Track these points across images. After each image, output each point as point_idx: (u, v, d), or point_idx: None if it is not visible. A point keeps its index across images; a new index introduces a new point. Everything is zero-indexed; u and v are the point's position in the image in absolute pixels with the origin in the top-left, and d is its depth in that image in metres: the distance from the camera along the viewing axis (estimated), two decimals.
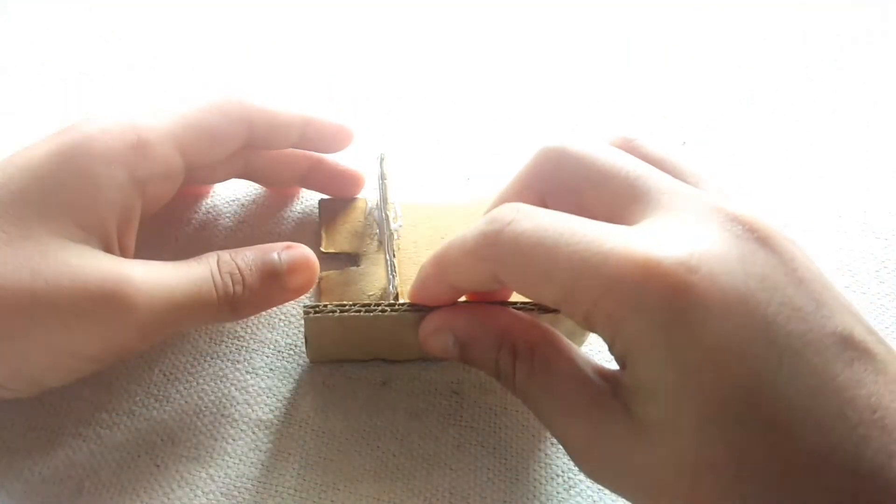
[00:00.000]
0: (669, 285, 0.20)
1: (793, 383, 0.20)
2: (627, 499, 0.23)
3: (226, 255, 0.29)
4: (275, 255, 0.29)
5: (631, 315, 0.21)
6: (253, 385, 0.31)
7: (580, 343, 0.32)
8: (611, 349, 0.23)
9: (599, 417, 0.23)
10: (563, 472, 0.30)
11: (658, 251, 0.21)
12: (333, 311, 0.28)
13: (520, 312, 0.27)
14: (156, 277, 0.26)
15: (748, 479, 0.20)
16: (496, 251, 0.23)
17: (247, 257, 0.29)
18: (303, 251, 0.30)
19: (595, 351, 0.33)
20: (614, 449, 0.22)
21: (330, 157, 0.35)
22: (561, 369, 0.24)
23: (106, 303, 0.25)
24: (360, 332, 0.29)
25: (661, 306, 0.20)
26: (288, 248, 0.30)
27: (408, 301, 0.28)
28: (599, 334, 0.23)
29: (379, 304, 0.28)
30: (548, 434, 0.31)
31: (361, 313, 0.28)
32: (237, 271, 0.28)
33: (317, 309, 0.28)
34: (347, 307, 0.28)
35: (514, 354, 0.25)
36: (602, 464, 0.23)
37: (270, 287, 0.29)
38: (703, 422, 0.20)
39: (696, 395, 0.20)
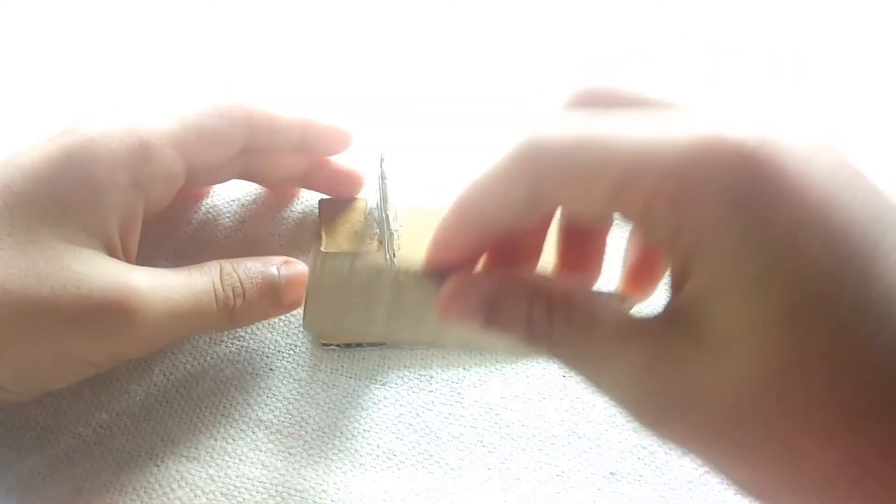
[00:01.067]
0: (744, 154, 0.18)
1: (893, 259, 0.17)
2: (696, 443, 0.20)
3: (228, 265, 0.29)
4: (274, 270, 0.29)
5: (700, 191, 0.18)
6: (253, 385, 0.31)
7: None
8: (672, 254, 0.20)
9: (657, 347, 0.20)
10: (563, 471, 0.30)
11: (725, 127, 0.18)
12: (346, 258, 0.25)
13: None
14: (160, 288, 0.26)
15: (846, 375, 0.17)
16: (536, 164, 0.21)
17: (248, 269, 0.29)
18: (300, 268, 0.30)
19: None
20: (679, 380, 0.19)
21: (330, 157, 0.35)
22: (603, 310, 0.22)
23: (111, 313, 0.25)
24: (367, 292, 0.26)
25: (735, 178, 0.18)
26: (286, 263, 0.30)
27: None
28: (659, 236, 0.20)
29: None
30: (548, 433, 0.31)
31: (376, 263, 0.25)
32: (239, 284, 0.28)
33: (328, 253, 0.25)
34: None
35: (550, 306, 0.23)
36: (666, 401, 0.20)
37: (268, 301, 0.29)
38: (792, 312, 0.17)
39: (782, 281, 0.17)
